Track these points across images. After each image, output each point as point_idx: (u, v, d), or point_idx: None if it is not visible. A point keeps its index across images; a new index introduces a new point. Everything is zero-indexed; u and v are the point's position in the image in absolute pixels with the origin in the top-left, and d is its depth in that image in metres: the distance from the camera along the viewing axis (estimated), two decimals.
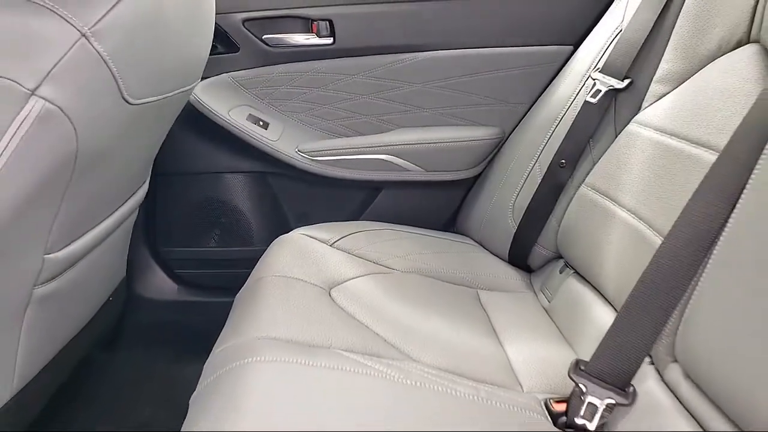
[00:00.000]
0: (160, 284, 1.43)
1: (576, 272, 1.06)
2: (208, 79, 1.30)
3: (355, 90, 1.35)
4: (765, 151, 0.64)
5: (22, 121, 0.63)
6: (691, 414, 0.67)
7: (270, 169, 1.41)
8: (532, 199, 1.16)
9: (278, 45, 1.32)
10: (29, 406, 0.88)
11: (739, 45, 0.89)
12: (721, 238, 0.67)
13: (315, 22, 1.30)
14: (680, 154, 0.87)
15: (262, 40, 1.31)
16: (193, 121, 1.29)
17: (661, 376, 0.73)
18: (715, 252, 0.68)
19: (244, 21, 1.29)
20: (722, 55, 0.91)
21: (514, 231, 1.19)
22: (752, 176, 0.65)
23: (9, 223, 0.67)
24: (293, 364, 0.72)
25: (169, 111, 0.97)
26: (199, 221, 1.44)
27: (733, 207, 0.67)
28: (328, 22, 1.30)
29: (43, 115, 0.63)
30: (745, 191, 0.66)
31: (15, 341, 0.79)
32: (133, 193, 1.06)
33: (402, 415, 0.68)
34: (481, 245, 1.29)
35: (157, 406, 1.27)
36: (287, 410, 0.65)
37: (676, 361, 0.71)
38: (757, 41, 0.86)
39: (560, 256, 1.13)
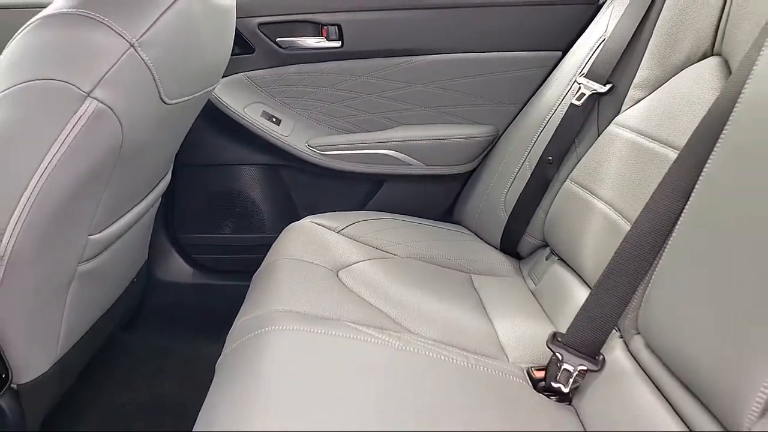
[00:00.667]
0: (177, 268, 1.51)
1: (560, 258, 1.15)
2: (226, 78, 1.37)
3: (361, 90, 1.43)
4: (713, 153, 0.74)
5: (78, 119, 0.73)
6: (649, 377, 0.77)
7: (281, 162, 1.48)
8: (522, 192, 1.25)
9: (290, 47, 1.39)
10: (69, 372, 0.99)
11: (704, 56, 0.99)
12: (677, 227, 0.77)
13: (325, 27, 1.38)
14: (651, 152, 0.96)
15: (275, 43, 1.39)
16: (212, 117, 1.37)
17: (627, 346, 0.83)
18: (671, 239, 0.78)
19: (260, 25, 1.37)
20: (690, 65, 1.01)
21: (506, 221, 1.28)
22: (702, 173, 0.75)
23: (63, 207, 0.78)
24: (307, 332, 0.82)
25: (194, 108, 1.06)
26: (215, 210, 1.52)
27: (687, 200, 0.77)
28: (336, 27, 1.37)
29: (96, 114, 0.74)
30: (696, 186, 0.75)
31: (61, 311, 0.89)
32: (159, 183, 1.16)
33: (400, 376, 0.78)
34: (476, 234, 1.38)
35: (175, 380, 1.35)
36: (303, 371, 0.75)
37: (639, 333, 0.81)
38: (719, 54, 0.96)
39: (547, 244, 1.22)
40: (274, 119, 1.42)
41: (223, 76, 1.35)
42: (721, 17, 0.96)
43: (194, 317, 1.52)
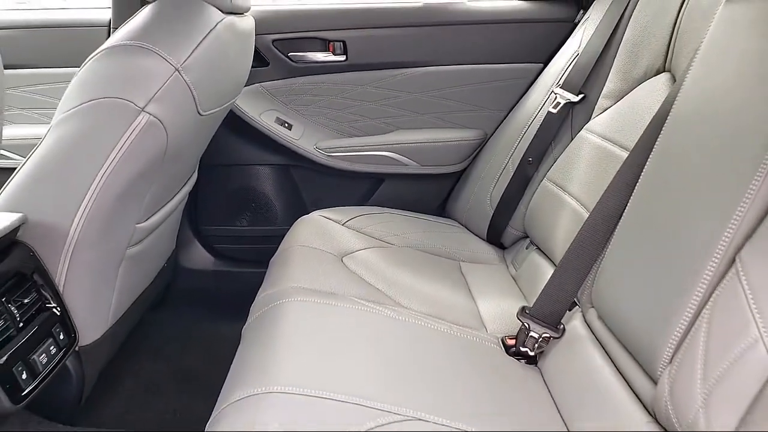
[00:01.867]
0: (200, 257, 1.65)
1: (537, 248, 1.32)
2: (244, 89, 1.51)
3: (363, 98, 1.58)
4: (651, 155, 0.90)
5: (134, 129, 0.90)
6: (599, 342, 0.93)
7: (292, 162, 1.63)
8: (505, 189, 1.40)
9: (301, 61, 1.55)
10: (116, 339, 1.15)
11: (658, 72, 1.15)
12: (623, 217, 0.93)
13: (331, 43, 1.54)
14: (612, 155, 1.12)
15: (287, 57, 1.54)
16: (232, 123, 1.52)
17: (584, 317, 0.99)
18: (618, 228, 0.94)
19: (274, 41, 1.52)
20: (647, 80, 1.17)
21: (491, 215, 1.43)
22: (643, 171, 0.91)
23: (119, 199, 0.95)
24: (317, 303, 0.99)
25: (220, 117, 1.24)
26: (234, 205, 1.67)
27: (631, 193, 0.93)
28: (342, 43, 1.53)
29: (147, 125, 0.91)
30: (638, 182, 0.92)
31: (112, 287, 1.06)
32: (187, 181, 1.33)
33: (393, 339, 0.95)
34: (465, 227, 1.53)
35: (199, 354, 1.50)
36: (314, 332, 0.91)
37: (592, 306, 0.97)
38: (669, 70, 1.12)
39: (527, 236, 1.38)
40: (286, 124, 1.57)
41: None
42: (671, 40, 1.12)
43: (214, 300, 1.67)
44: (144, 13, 0.97)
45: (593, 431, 0.82)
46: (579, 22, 1.48)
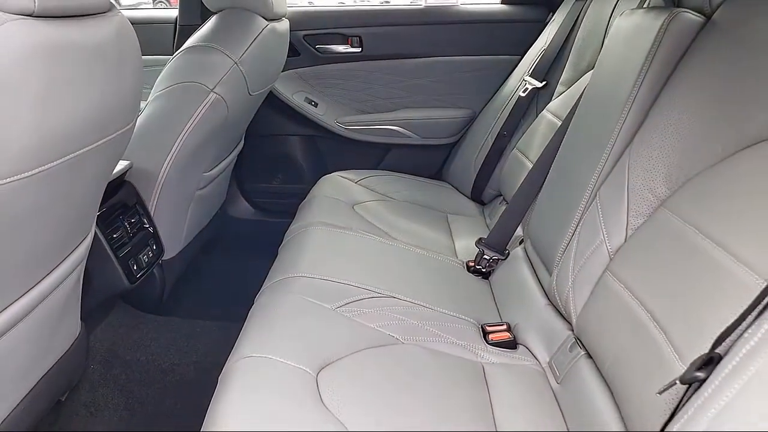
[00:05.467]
0: (243, 208, 2.04)
1: (506, 202, 1.68)
2: (281, 74, 1.85)
3: (375, 82, 1.93)
4: (571, 123, 1.25)
5: (205, 104, 1.29)
6: (530, 261, 1.30)
7: (318, 133, 1.99)
8: (486, 157, 1.76)
9: (325, 52, 1.91)
10: (185, 261, 1.57)
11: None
12: (551, 167, 1.29)
13: (350, 38, 1.89)
14: (557, 127, 1.47)
15: (315, 49, 1.90)
16: (271, 101, 1.87)
17: (524, 245, 1.36)
18: (547, 176, 1.30)
19: (304, 36, 1.88)
20: (589, 71, 1.51)
21: (474, 178, 1.79)
22: (564, 135, 1.27)
23: (193, 154, 1.34)
24: (333, 231, 1.37)
25: (263, 96, 1.63)
26: (271, 166, 2.04)
27: (557, 150, 1.29)
28: (358, 38, 1.89)
29: (215, 101, 1.30)
30: (561, 143, 1.27)
31: (185, 219, 1.47)
32: (237, 145, 1.73)
33: (383, 256, 1.33)
34: (455, 188, 1.89)
35: (240, 281, 1.89)
36: (329, 247, 1.30)
37: (529, 237, 1.34)
38: None
39: (501, 194, 1.75)
40: (313, 103, 1.93)
41: None
42: (603, 41, 1.46)
43: (254, 242, 1.97)
44: (212, 22, 1.36)
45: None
46: (548, 22, 1.81)
